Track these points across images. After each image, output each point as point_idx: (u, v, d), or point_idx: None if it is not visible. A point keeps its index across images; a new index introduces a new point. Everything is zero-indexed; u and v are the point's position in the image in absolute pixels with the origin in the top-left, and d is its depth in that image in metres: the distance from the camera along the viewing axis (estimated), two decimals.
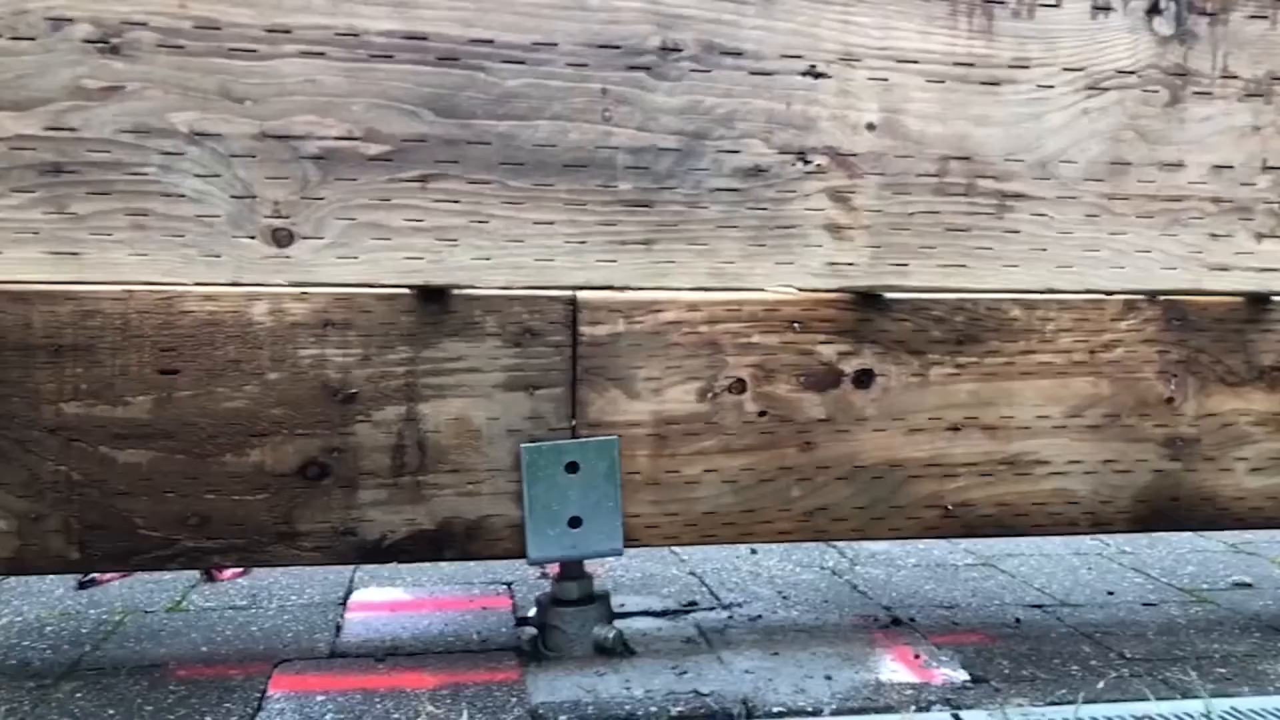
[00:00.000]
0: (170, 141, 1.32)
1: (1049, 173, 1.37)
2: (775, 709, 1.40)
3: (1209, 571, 2.19)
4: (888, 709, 1.42)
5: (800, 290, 1.45)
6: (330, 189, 1.35)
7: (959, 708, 1.43)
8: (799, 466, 1.57)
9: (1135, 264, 1.43)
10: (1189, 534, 2.49)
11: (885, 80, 1.34)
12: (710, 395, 1.53)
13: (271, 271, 1.36)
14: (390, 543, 1.48)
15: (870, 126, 1.34)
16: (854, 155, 1.35)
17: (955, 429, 1.60)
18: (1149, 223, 1.41)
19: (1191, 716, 1.36)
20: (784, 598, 1.92)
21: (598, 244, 1.38)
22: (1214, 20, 1.41)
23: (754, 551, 2.25)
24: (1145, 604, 1.95)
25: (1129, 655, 1.66)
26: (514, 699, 1.42)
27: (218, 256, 1.35)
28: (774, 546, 2.28)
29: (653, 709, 1.39)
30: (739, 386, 1.53)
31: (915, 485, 1.60)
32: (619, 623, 1.74)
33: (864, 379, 1.56)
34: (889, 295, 1.53)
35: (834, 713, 1.40)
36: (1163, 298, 1.58)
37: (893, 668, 1.57)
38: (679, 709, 1.39)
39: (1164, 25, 1.38)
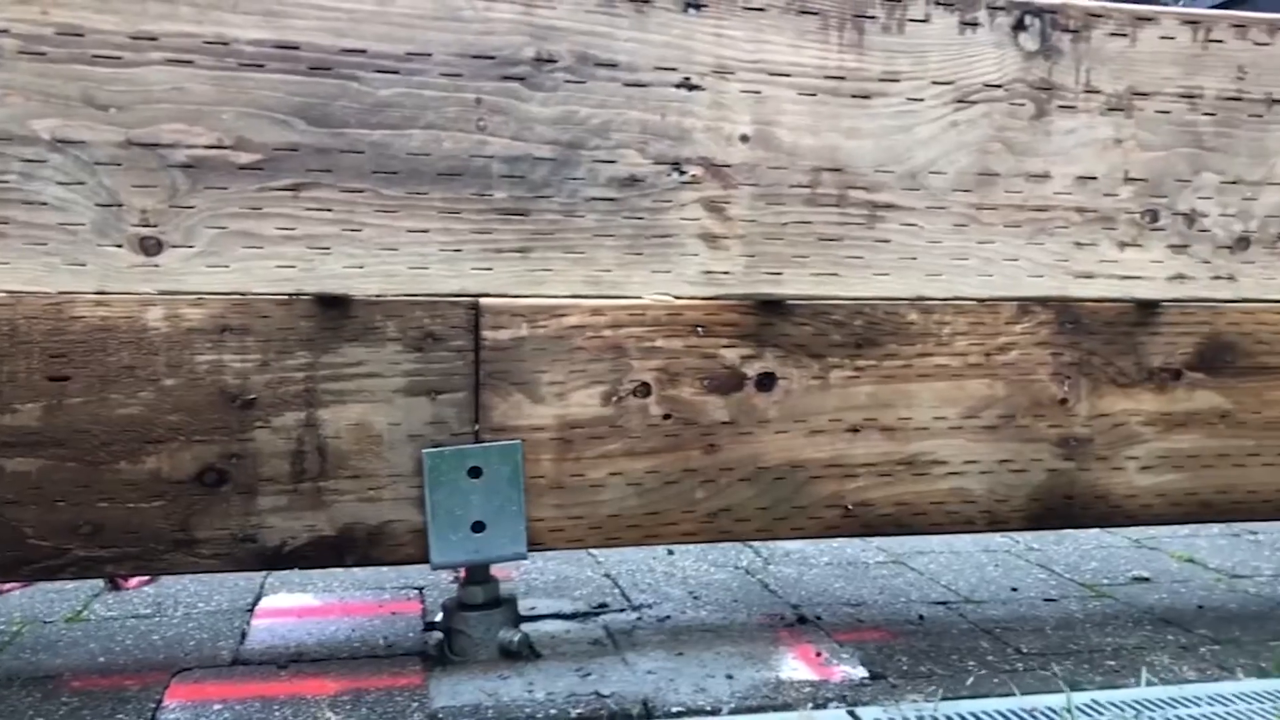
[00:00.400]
0: (31, 149, 1.30)
1: (919, 183, 1.41)
2: (675, 709, 1.42)
3: (1111, 567, 2.26)
4: (785, 707, 1.44)
5: (677, 298, 1.47)
6: (200, 197, 1.35)
7: (855, 704, 1.46)
8: (703, 468, 1.59)
9: (1003, 272, 1.47)
10: (1095, 530, 2.56)
11: (758, 93, 1.37)
12: (615, 399, 1.54)
13: (139, 280, 1.35)
14: (291, 549, 1.47)
15: (744, 138, 1.36)
16: (728, 166, 1.37)
17: (855, 430, 1.63)
18: (1016, 232, 1.45)
19: (1053, 711, 1.40)
20: (695, 598, 1.95)
21: (473, 252, 1.39)
22: (1077, 37, 1.45)
23: (670, 553, 2.27)
24: (1046, 599, 2.01)
25: (1025, 650, 1.71)
26: (415, 704, 1.42)
27: (83, 265, 1.34)
28: (690, 547, 2.30)
29: (553, 711, 1.40)
30: (643, 390, 1.55)
31: (816, 485, 1.63)
32: (529, 626, 1.75)
33: (766, 382, 1.59)
34: (790, 301, 1.56)
35: (732, 711, 1.42)
36: (1055, 302, 1.63)
37: (794, 666, 1.59)
38: (579, 711, 1.41)
39: (1029, 41, 1.42)
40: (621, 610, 1.86)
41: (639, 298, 1.43)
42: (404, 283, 1.38)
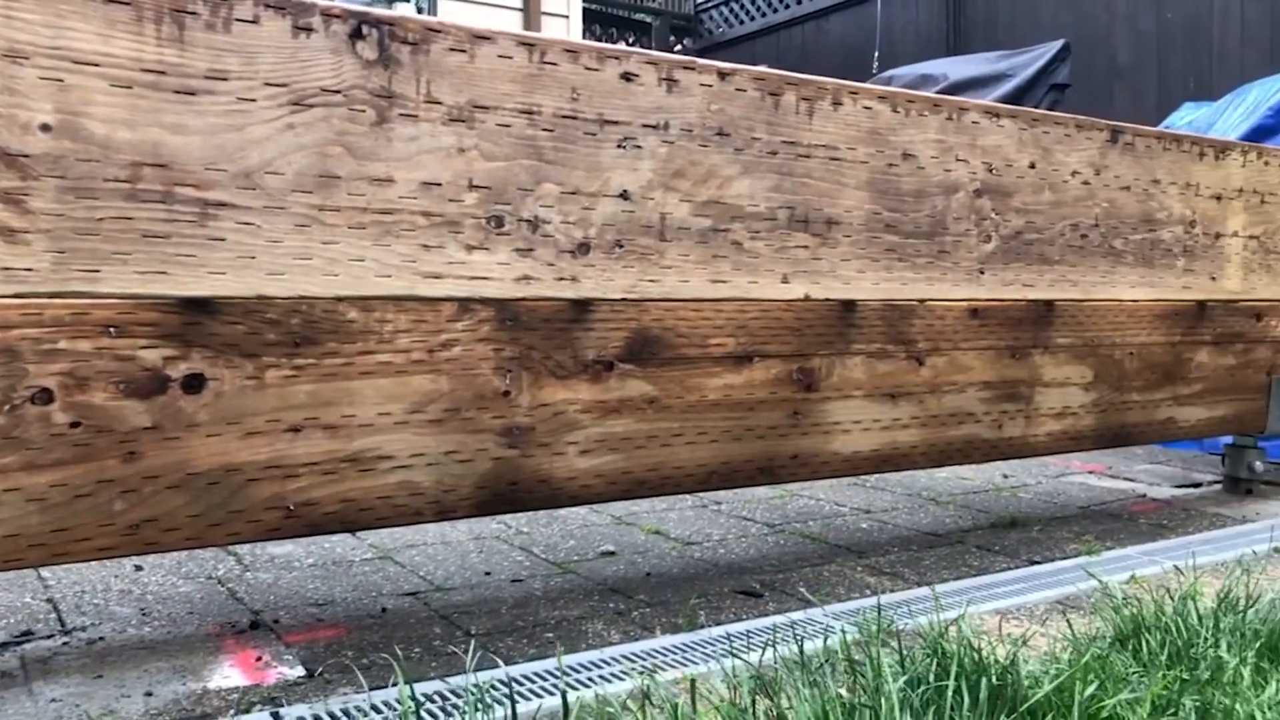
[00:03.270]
0: None
1: (254, 183, 1.43)
2: None
3: (586, 544, 2.44)
4: (205, 717, 1.40)
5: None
6: None
7: (281, 705, 1.45)
8: (122, 478, 1.49)
9: (349, 272, 1.53)
10: (583, 510, 2.76)
11: (61, 81, 1.31)
12: (8, 408, 1.40)
13: None
14: None
15: (45, 128, 1.29)
16: (26, 156, 1.29)
17: (296, 430, 1.61)
18: (361, 233, 1.52)
19: (479, 687, 1.49)
20: (144, 614, 1.84)
21: None
22: (416, 49, 1.55)
23: (139, 568, 2.13)
24: (514, 580, 2.12)
25: (474, 631, 1.79)
26: None
27: None
28: (165, 560, 2.18)
29: None
30: (44, 397, 1.43)
31: (255, 489, 1.59)
32: None
33: (194, 384, 1.53)
34: (220, 299, 1.51)
35: None
36: (495, 300, 1.73)
37: (227, 674, 1.55)
38: None
39: (368, 50, 1.50)
40: (49, 637, 1.71)
41: None
42: None
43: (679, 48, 10.46)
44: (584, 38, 8.36)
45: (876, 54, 8.39)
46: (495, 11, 6.52)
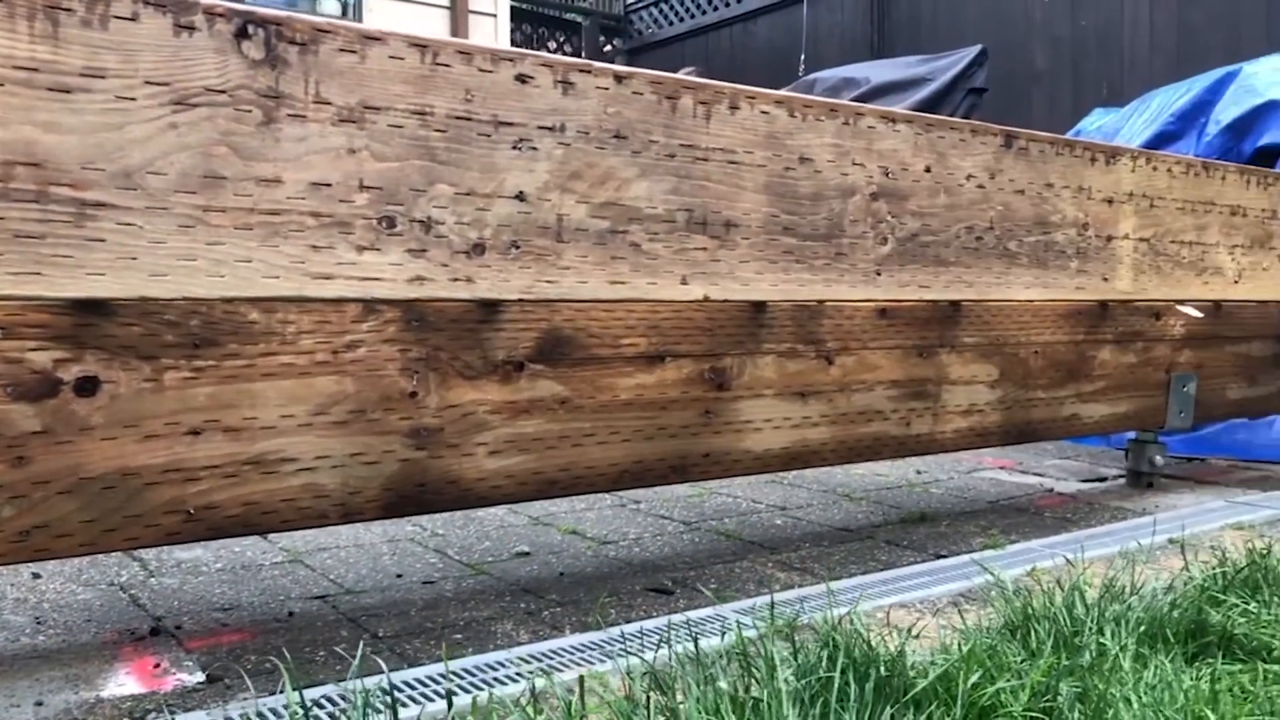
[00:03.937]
0: None
1: (135, 183, 1.41)
2: None
3: (502, 545, 2.44)
4: None
5: None
6: None
7: (178, 711, 1.43)
8: (11, 484, 1.46)
9: (236, 273, 1.52)
10: (501, 511, 2.76)
11: None
12: None
13: None
14: None
15: None
16: None
17: (196, 433, 1.59)
18: (248, 234, 1.52)
19: (382, 689, 1.49)
20: (40, 623, 1.79)
21: None
22: (304, 50, 1.54)
23: (37, 576, 2.08)
24: (426, 582, 2.12)
25: (382, 634, 1.79)
26: None
27: None
28: (65, 567, 2.13)
29: None
30: None
31: (153, 493, 1.57)
32: None
33: (88, 386, 1.50)
34: (114, 301, 1.48)
35: None
36: (400, 301, 1.72)
37: (122, 682, 1.53)
38: None
39: (254, 50, 1.49)
40: None
41: None
42: None
43: (609, 48, 10.48)
44: (513, 37, 8.33)
45: (803, 56, 8.49)
46: (422, 10, 6.47)
